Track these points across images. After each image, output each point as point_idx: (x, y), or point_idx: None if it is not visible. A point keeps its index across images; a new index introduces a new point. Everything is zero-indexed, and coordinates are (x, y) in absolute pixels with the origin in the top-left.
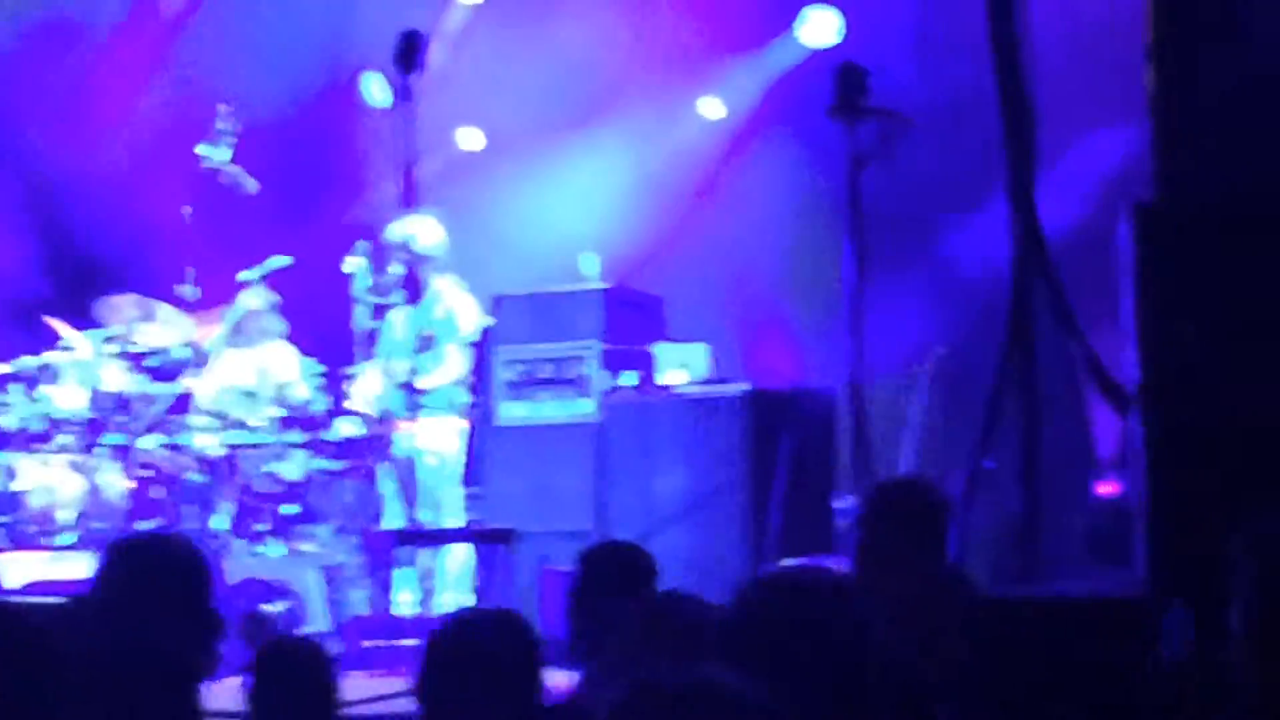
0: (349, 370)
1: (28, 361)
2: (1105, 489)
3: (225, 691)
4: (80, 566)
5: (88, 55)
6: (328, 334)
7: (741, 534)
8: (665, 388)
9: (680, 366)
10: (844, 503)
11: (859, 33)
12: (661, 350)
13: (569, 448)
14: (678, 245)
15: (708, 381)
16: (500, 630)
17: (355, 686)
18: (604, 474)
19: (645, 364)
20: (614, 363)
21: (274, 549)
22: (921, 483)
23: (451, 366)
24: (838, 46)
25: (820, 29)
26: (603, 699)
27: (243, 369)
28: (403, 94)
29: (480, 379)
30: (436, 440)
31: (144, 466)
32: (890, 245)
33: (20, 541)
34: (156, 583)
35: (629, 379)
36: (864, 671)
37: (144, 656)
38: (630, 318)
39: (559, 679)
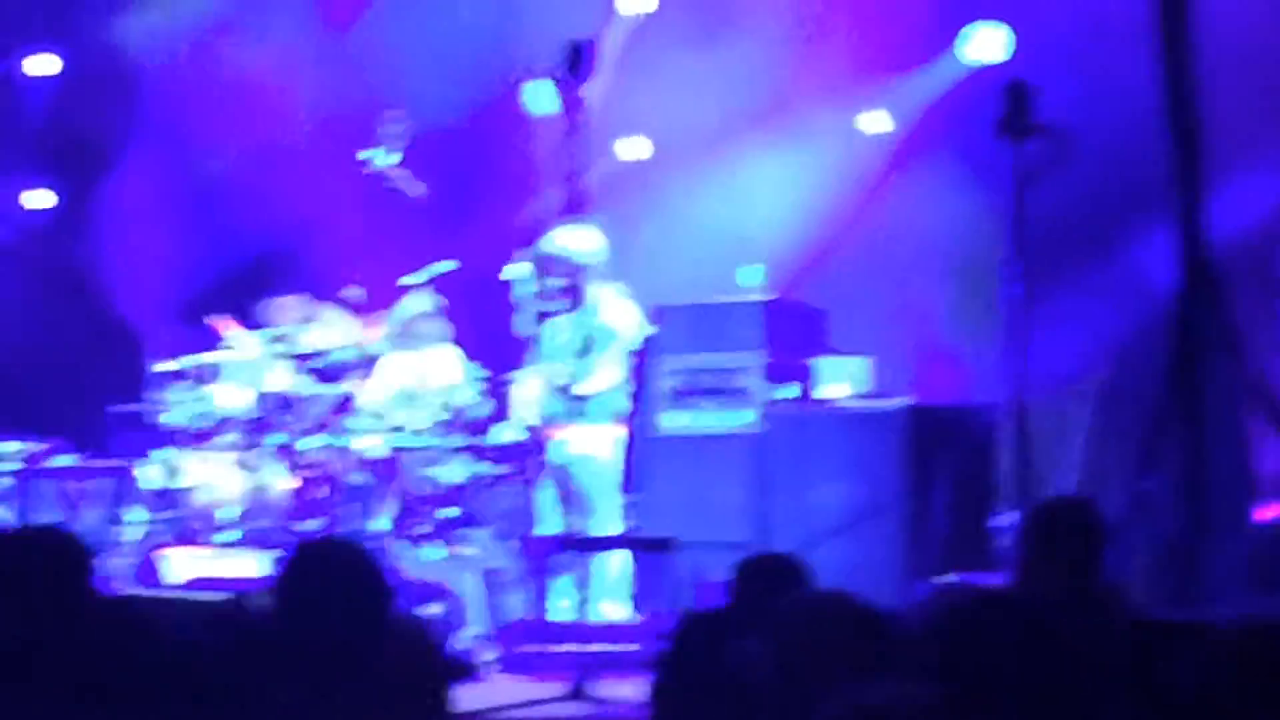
0: (511, 376)
1: (194, 360)
2: (1266, 514)
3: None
4: (242, 564)
5: (256, 57)
6: (491, 339)
7: (899, 548)
8: (826, 401)
9: (842, 379)
10: (1004, 519)
11: (1026, 48)
12: (823, 363)
13: (729, 458)
14: (842, 258)
15: (869, 395)
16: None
17: (511, 690)
18: (763, 486)
19: (807, 376)
20: (776, 374)
21: (433, 552)
22: (1081, 502)
23: (610, 373)
24: (1005, 63)
25: (987, 45)
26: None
27: (406, 372)
28: (569, 102)
29: (641, 387)
30: (595, 447)
31: (307, 466)
32: (1055, 262)
33: (183, 538)
34: (339, 588)
35: (790, 391)
36: (1045, 686)
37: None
38: (793, 329)
39: None
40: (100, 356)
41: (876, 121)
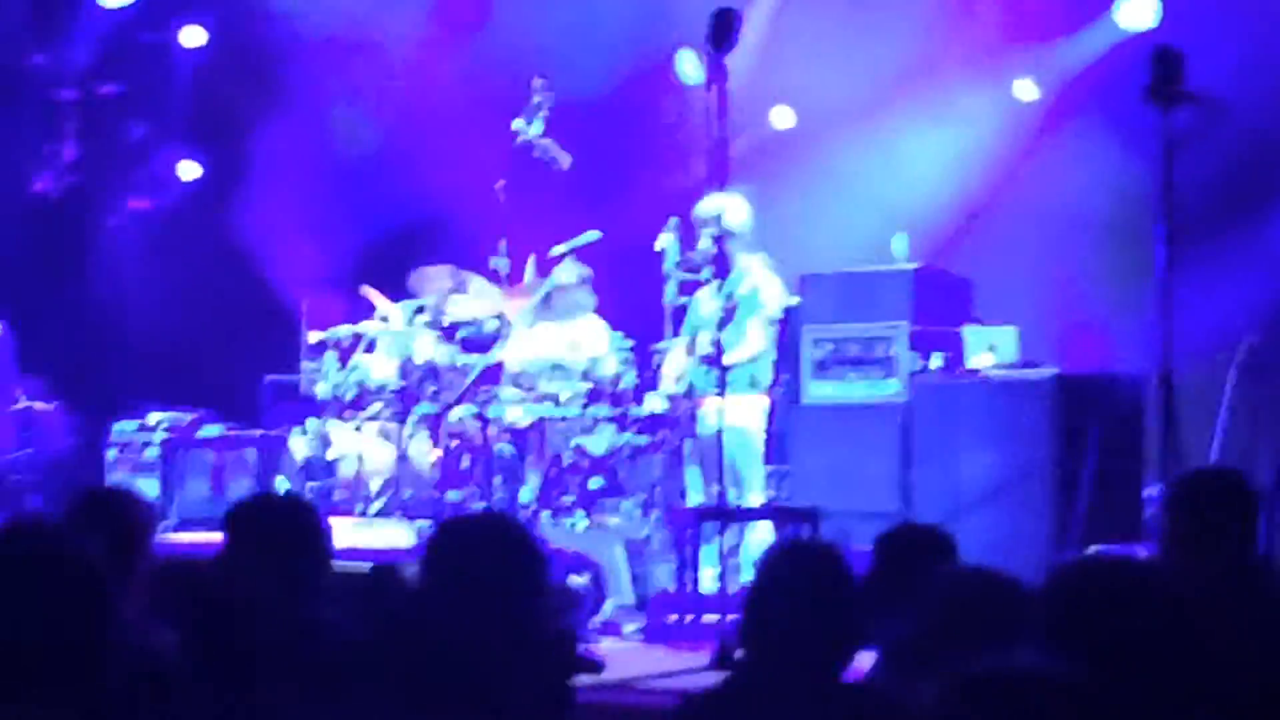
0: (657, 346)
1: (342, 330)
2: None
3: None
4: (390, 534)
5: (403, 28)
6: (637, 309)
7: (1046, 519)
8: (973, 370)
9: (988, 349)
10: (1152, 490)
11: (1176, 15)
12: (970, 332)
13: (875, 428)
14: (988, 226)
15: (1016, 365)
16: None
17: (658, 660)
18: (909, 455)
19: (953, 346)
20: (922, 344)
21: (579, 522)
22: (1231, 471)
23: (754, 343)
24: (1154, 30)
25: (1137, 11)
26: (913, 684)
27: (553, 342)
28: (715, 72)
29: (786, 357)
30: (741, 418)
31: (453, 436)
32: (1203, 231)
33: (332, 508)
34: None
35: (937, 360)
36: (1181, 656)
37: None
38: (939, 299)
39: (858, 659)
40: (253, 327)
41: (1025, 89)
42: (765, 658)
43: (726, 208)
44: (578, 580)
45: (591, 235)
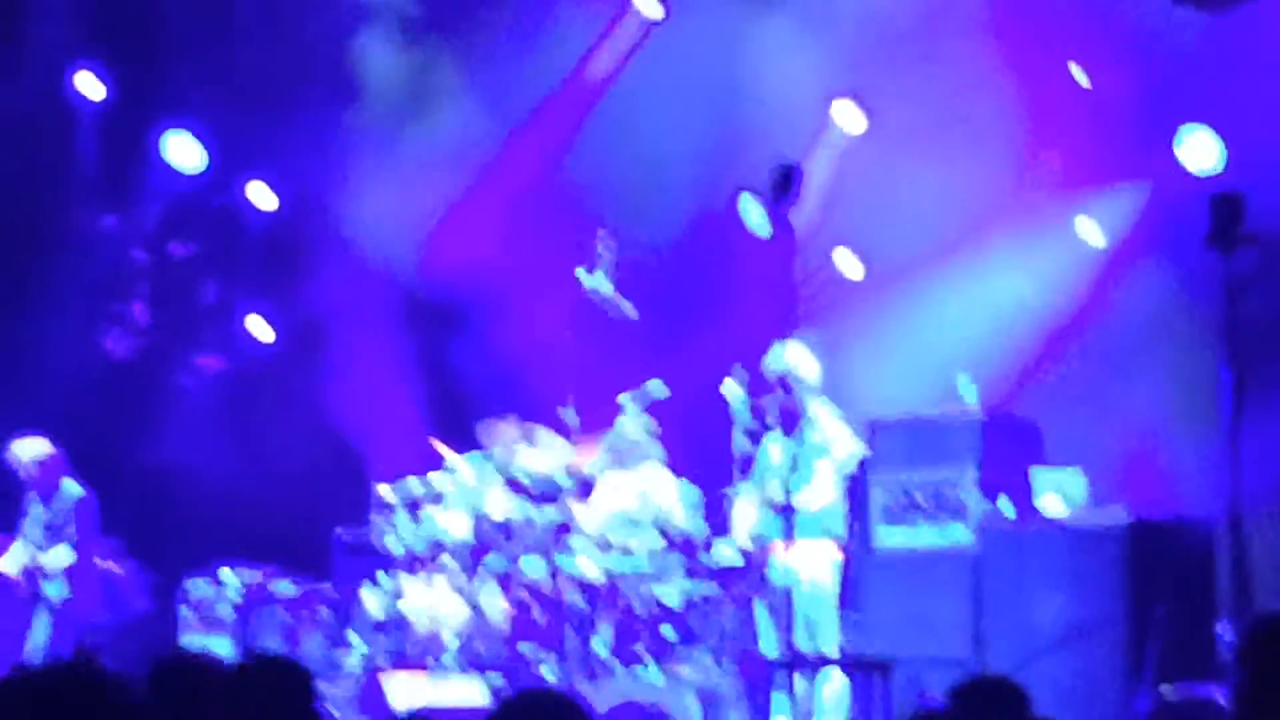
0: (726, 492)
1: (414, 485)
2: None
3: None
4: (464, 689)
5: (466, 181)
6: (705, 457)
7: (1120, 664)
8: (1043, 515)
9: (1056, 492)
10: (1225, 631)
11: (1239, 154)
12: (1038, 475)
13: (946, 574)
14: (1053, 369)
15: (1085, 508)
16: None
17: None
18: (981, 601)
19: (1022, 490)
20: (990, 488)
21: (652, 673)
22: None
23: (825, 490)
24: (1215, 174)
25: (1199, 153)
26: None
27: (623, 494)
28: (779, 223)
29: (855, 504)
30: (812, 566)
31: (525, 590)
32: (1271, 373)
33: (404, 662)
34: None
35: (1005, 505)
36: None
37: None
38: (1007, 443)
39: None
40: (323, 480)
41: (1090, 232)
42: None
43: (795, 358)
44: None
45: (659, 390)
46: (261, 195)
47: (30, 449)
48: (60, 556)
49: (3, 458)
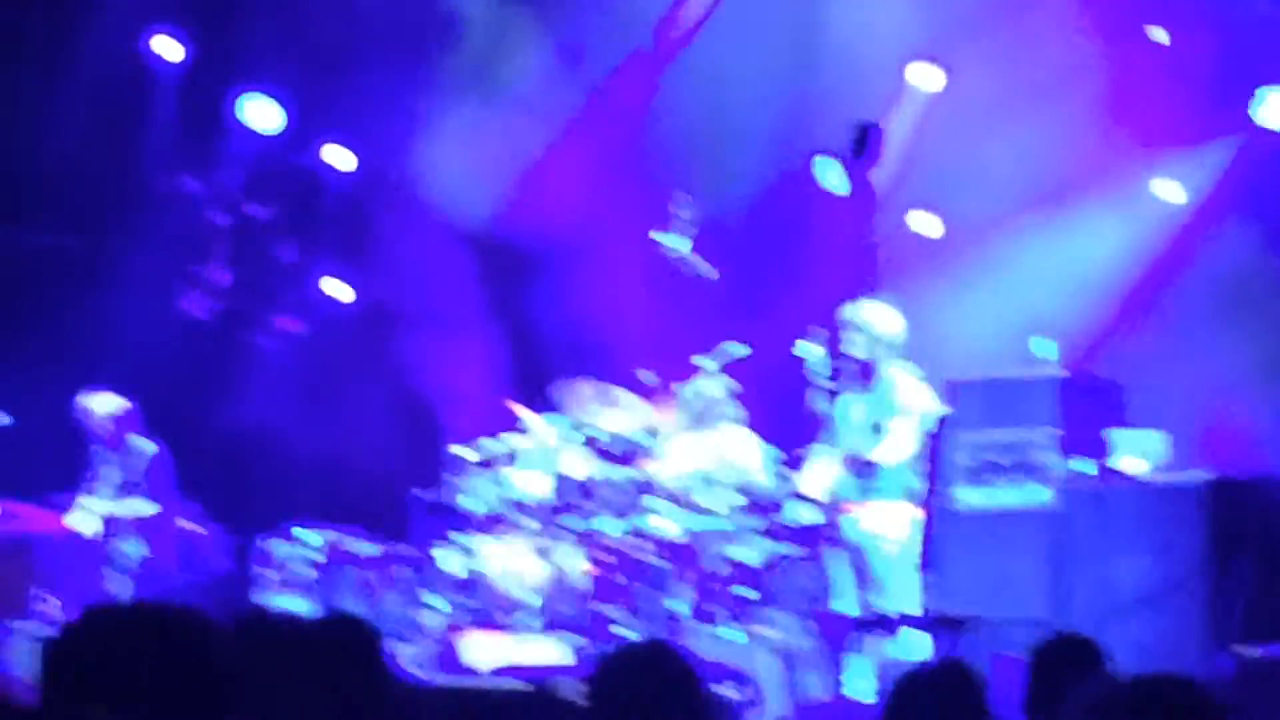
0: (804, 452)
1: (491, 445)
2: None
3: None
4: (543, 650)
5: (545, 139)
6: (783, 417)
7: (1200, 623)
8: (1124, 475)
9: (1138, 453)
10: None
11: None
12: (1119, 436)
13: (1026, 535)
14: (1135, 329)
15: (1166, 469)
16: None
17: None
18: (1061, 562)
19: (1103, 451)
20: (1071, 449)
21: (732, 633)
22: None
23: (904, 447)
24: None
25: (1278, 113)
26: None
27: (703, 454)
28: (858, 183)
29: (935, 464)
30: (890, 526)
31: (605, 550)
32: None
33: (483, 623)
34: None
35: (1086, 466)
36: None
37: None
38: (1088, 404)
39: None
40: (399, 441)
41: (1170, 191)
42: None
43: (875, 316)
44: (732, 692)
45: (738, 350)
46: (339, 157)
47: (104, 404)
48: (139, 507)
49: (71, 417)
